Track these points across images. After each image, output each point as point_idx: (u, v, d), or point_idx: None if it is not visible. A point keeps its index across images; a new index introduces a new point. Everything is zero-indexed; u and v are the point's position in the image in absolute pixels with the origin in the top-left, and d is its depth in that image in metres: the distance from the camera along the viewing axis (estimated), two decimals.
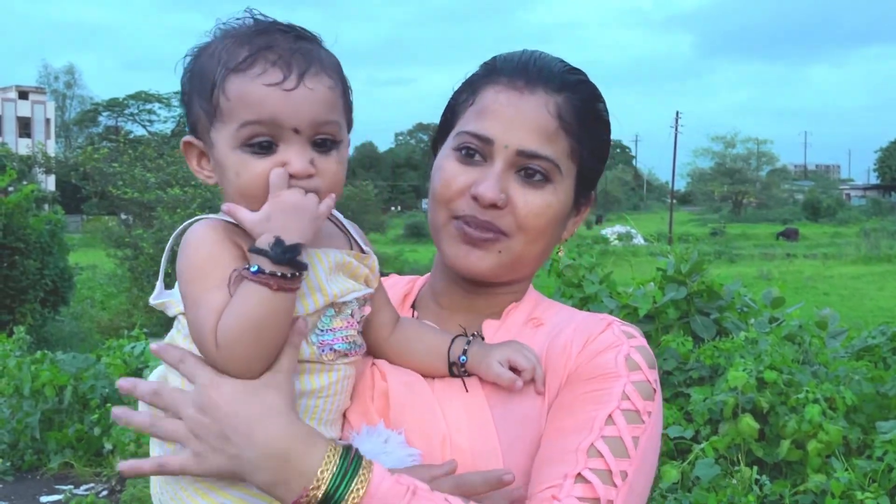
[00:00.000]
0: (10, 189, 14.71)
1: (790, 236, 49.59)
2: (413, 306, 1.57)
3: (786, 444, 4.72)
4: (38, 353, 7.86)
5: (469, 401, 1.38)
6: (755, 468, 4.75)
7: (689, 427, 5.08)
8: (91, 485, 6.93)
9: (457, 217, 1.40)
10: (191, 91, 1.30)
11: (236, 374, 1.19)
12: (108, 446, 6.92)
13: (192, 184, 14.58)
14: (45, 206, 29.02)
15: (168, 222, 13.07)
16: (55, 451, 7.23)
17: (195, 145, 1.32)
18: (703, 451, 4.79)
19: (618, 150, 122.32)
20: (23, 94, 78.51)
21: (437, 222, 1.44)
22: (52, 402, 7.30)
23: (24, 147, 65.48)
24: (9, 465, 7.27)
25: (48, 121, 78.78)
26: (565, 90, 1.41)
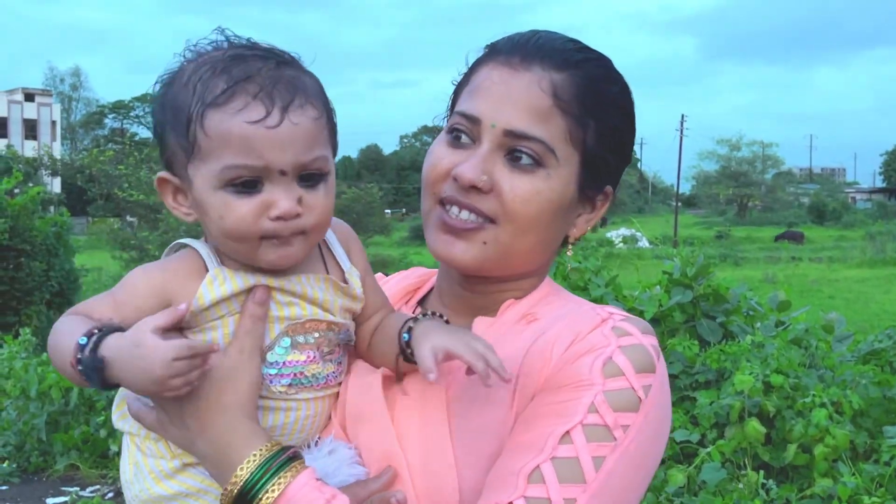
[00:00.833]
0: (16, 191, 14.74)
1: (793, 239, 49.07)
2: (420, 303, 1.49)
3: (792, 448, 4.71)
4: (44, 355, 7.88)
5: (427, 412, 1.26)
6: (762, 472, 4.74)
7: (695, 431, 5.08)
8: (97, 486, 6.94)
9: (440, 200, 1.31)
10: (164, 123, 1.20)
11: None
12: (114, 448, 6.92)
13: None
14: (51, 209, 29.11)
15: (173, 224, 13.09)
16: (61, 452, 7.24)
17: (170, 181, 1.22)
18: (709, 454, 4.79)
19: None
20: (29, 97, 78.80)
21: (424, 210, 1.35)
22: (59, 404, 7.31)
23: (30, 149, 65.83)
24: (15, 466, 7.29)
25: (54, 123, 79.06)
26: (567, 68, 1.28)
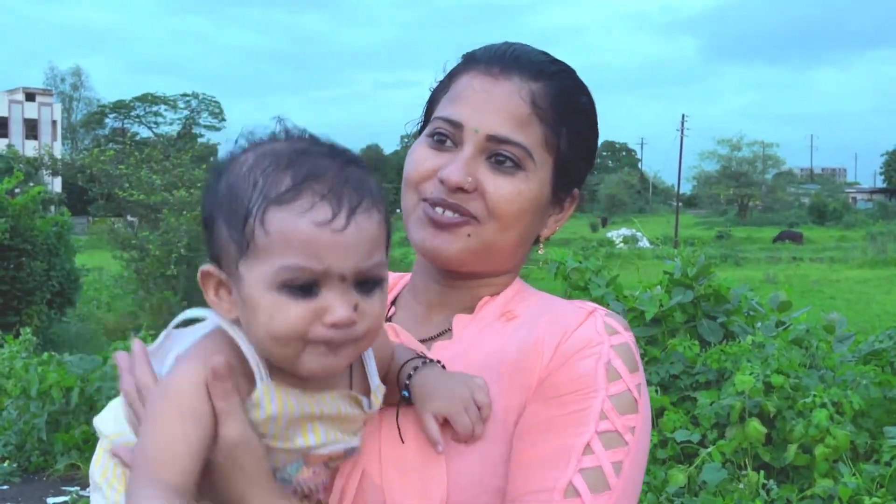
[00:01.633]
0: (17, 191, 14.77)
1: (792, 239, 48.76)
2: (393, 303, 1.51)
3: (793, 448, 4.71)
4: (44, 355, 7.89)
5: (422, 459, 1.25)
6: (762, 472, 4.74)
7: (695, 431, 5.08)
8: None
9: (424, 200, 1.35)
10: (217, 215, 1.12)
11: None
12: None
13: (198, 185, 14.60)
14: (52, 208, 29.16)
15: (174, 224, 13.08)
16: (62, 452, 7.24)
17: (215, 275, 1.14)
18: (709, 455, 4.79)
19: (623, 154, 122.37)
20: (30, 96, 78.90)
21: (407, 207, 1.39)
22: (59, 404, 7.31)
23: (30, 149, 65.87)
24: (16, 466, 7.30)
25: (55, 123, 79.14)
26: (542, 78, 1.35)
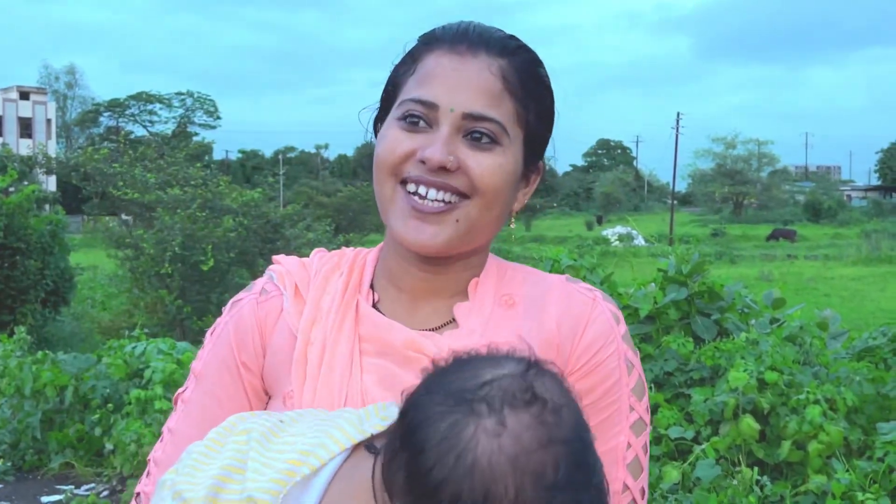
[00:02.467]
0: (11, 189, 14.71)
1: (785, 237, 48.64)
2: (371, 286, 1.44)
3: (786, 444, 4.72)
4: (39, 354, 7.86)
5: None
6: (756, 469, 4.75)
7: (689, 428, 5.09)
8: (92, 485, 6.92)
9: (405, 181, 1.32)
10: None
11: None
12: (109, 446, 6.91)
13: (192, 184, 14.58)
14: (46, 207, 28.98)
15: (168, 223, 13.04)
16: (56, 451, 7.23)
17: None
18: (703, 451, 4.80)
19: (619, 152, 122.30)
20: (24, 95, 78.60)
21: (385, 194, 1.35)
22: (53, 403, 7.30)
23: (25, 147, 65.48)
24: (10, 465, 7.28)
25: (49, 121, 78.85)
26: (506, 54, 1.36)
